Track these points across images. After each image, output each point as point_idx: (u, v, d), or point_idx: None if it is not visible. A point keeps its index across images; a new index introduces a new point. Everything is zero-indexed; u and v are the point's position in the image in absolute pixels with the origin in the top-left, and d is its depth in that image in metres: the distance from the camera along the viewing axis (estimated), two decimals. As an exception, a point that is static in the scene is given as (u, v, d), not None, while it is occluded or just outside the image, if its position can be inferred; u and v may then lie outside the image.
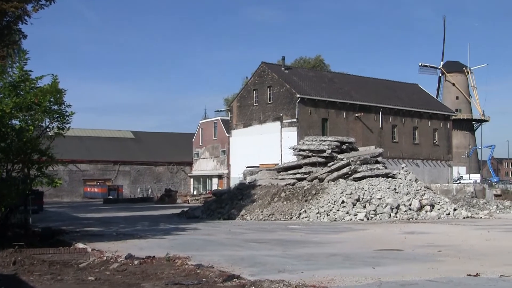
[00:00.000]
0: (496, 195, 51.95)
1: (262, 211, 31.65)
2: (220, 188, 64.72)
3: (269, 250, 17.09)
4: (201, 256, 15.15)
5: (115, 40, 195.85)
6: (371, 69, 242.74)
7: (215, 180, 75.14)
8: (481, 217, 32.85)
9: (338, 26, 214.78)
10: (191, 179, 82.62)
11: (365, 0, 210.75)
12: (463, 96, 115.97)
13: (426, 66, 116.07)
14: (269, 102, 59.78)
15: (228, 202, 34.99)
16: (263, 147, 58.65)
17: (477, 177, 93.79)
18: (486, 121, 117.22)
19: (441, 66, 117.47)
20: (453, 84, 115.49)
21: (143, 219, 33.13)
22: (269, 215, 31.03)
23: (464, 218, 31.93)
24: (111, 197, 65.65)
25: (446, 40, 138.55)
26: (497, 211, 38.09)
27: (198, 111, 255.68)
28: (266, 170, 41.12)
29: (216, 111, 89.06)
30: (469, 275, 11.97)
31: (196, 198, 60.68)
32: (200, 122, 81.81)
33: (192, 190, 79.50)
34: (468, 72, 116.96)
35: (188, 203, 55.92)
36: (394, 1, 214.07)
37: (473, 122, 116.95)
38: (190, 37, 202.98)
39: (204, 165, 78.64)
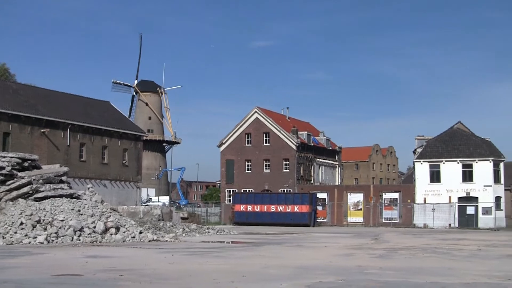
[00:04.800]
0: (183, 218, 53.90)
1: None
2: None
3: None
4: None
5: None
6: (62, 83, 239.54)
7: None
8: (166, 240, 33.79)
9: (27, 34, 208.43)
10: None
11: (59, 9, 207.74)
12: (156, 116, 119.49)
13: (120, 83, 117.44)
14: None
15: None
16: None
17: (166, 199, 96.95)
18: (178, 143, 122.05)
19: (135, 84, 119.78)
20: (147, 104, 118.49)
21: None
22: None
23: (150, 241, 32.56)
24: None
25: (142, 59, 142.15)
26: (183, 234, 39.45)
27: None
28: None
29: None
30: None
31: None
32: None
33: None
34: (162, 93, 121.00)
35: None
36: (89, 13, 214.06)
37: (165, 144, 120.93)
38: None
39: None
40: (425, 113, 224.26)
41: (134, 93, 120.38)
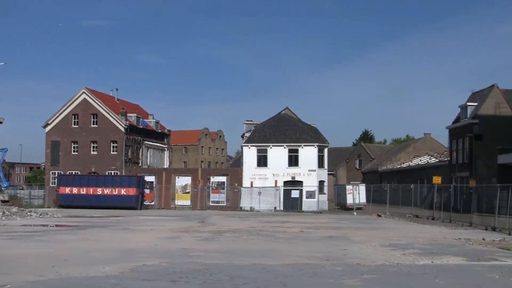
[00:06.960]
0: (3, 201, 51.84)
1: None
2: None
3: None
4: None
5: None
6: None
7: None
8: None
9: None
10: None
11: None
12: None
13: None
14: None
15: None
16: None
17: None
18: (0, 122, 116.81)
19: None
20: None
21: None
22: None
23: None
24: None
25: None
26: (3, 218, 37.99)
27: None
28: None
29: None
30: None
31: None
32: None
33: None
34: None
35: None
36: None
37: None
38: None
39: None
40: (255, 98, 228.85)
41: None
